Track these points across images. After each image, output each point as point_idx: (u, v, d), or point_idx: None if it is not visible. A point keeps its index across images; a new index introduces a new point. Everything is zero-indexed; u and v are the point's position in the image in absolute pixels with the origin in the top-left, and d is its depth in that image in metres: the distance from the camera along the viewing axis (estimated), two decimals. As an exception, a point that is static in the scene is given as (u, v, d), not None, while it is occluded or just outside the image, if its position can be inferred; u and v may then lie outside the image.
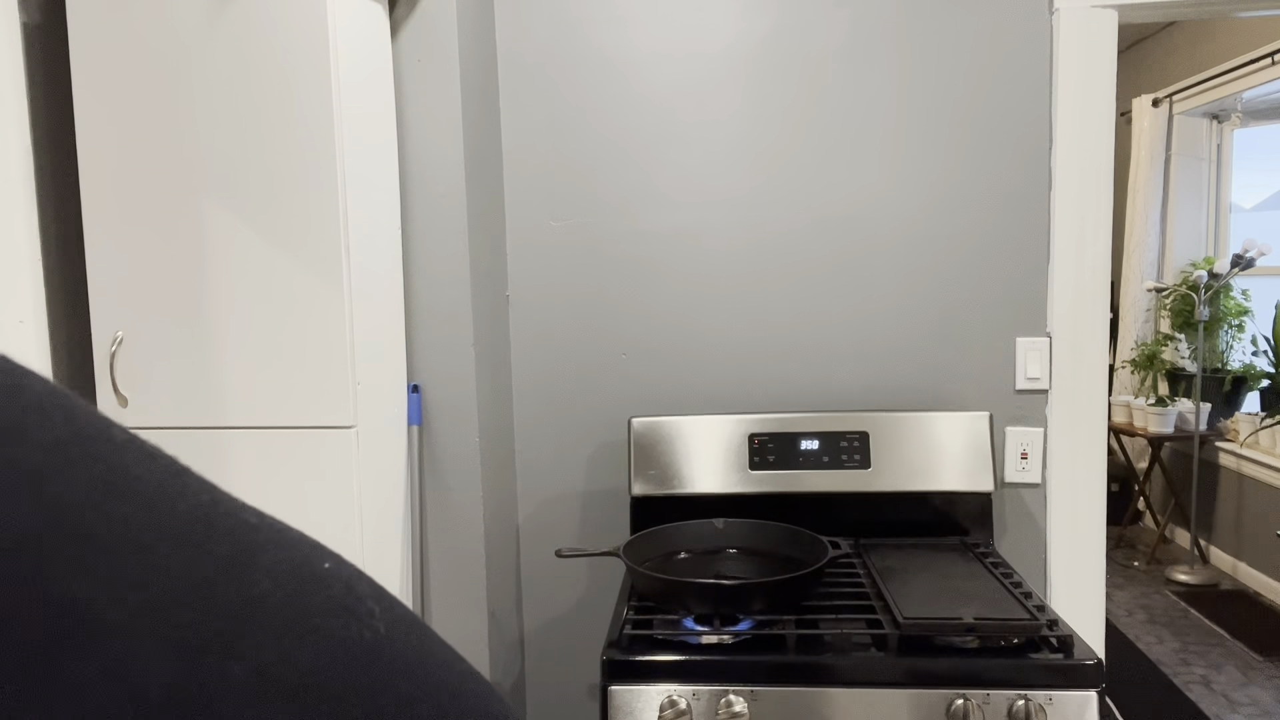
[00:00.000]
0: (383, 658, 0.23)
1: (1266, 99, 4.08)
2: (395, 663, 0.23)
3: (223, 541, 0.22)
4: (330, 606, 0.23)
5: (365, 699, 0.22)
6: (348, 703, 0.21)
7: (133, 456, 0.22)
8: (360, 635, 0.23)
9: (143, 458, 0.22)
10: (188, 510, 0.22)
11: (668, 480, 1.76)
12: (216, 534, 0.22)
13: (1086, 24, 1.77)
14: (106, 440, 0.22)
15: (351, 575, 0.24)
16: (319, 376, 1.45)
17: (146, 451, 0.23)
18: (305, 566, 0.23)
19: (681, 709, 1.28)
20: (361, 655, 0.22)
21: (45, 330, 1.52)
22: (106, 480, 0.21)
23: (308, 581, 0.23)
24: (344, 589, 0.23)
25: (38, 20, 1.52)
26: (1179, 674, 3.08)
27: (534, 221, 1.93)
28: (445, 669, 0.24)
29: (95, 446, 0.21)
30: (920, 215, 1.85)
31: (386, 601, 0.24)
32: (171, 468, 0.23)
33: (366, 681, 0.22)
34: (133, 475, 0.22)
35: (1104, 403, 1.83)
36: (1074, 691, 1.25)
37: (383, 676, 0.22)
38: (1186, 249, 4.51)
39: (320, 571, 0.23)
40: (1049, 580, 1.86)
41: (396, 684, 0.23)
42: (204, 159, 1.45)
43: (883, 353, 1.88)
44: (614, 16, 1.87)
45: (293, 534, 0.24)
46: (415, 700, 0.23)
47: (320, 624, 0.22)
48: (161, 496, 0.22)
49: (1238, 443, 3.99)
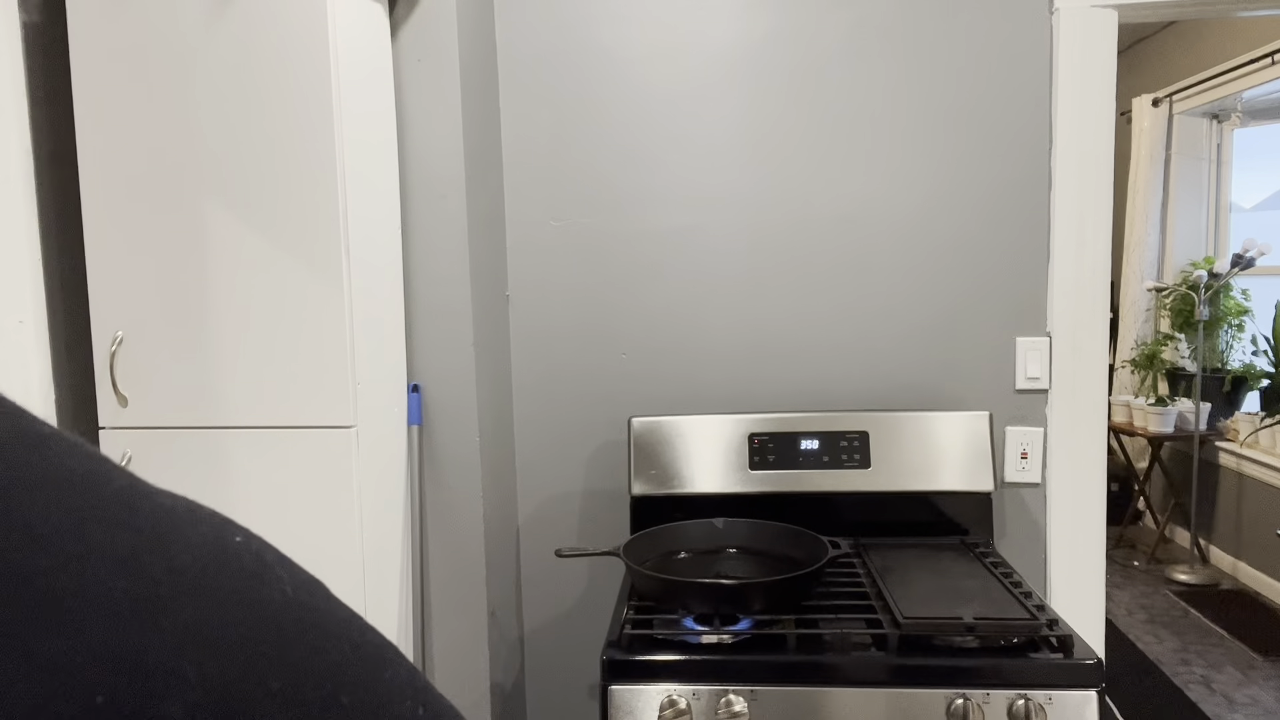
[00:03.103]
0: (291, 614, 0.26)
1: (1266, 99, 4.08)
2: (304, 619, 0.26)
3: (146, 520, 0.25)
4: (243, 573, 0.26)
5: (279, 650, 0.25)
6: (264, 654, 0.24)
7: (63, 448, 0.25)
8: (270, 597, 0.26)
9: (70, 449, 0.25)
10: (113, 494, 0.25)
11: (668, 480, 1.76)
12: (140, 514, 0.25)
13: (1086, 24, 1.77)
14: (38, 434, 0.25)
15: (260, 546, 0.27)
16: (319, 376, 1.45)
17: (71, 442, 0.26)
18: (219, 540, 0.26)
19: (681, 709, 1.28)
20: (274, 614, 0.25)
21: (45, 330, 1.52)
22: (43, 470, 0.24)
23: (222, 553, 0.26)
24: (254, 559, 0.26)
25: (38, 20, 1.52)
26: (1179, 674, 3.08)
27: (534, 221, 1.93)
28: (346, 625, 0.28)
29: (29, 440, 0.24)
30: (920, 215, 1.86)
31: (291, 568, 0.28)
32: (94, 456, 0.26)
33: (278, 636, 0.25)
34: (65, 466, 0.25)
35: (1104, 402, 1.83)
36: (1074, 691, 1.25)
37: (293, 631, 0.26)
38: (1186, 249, 4.51)
39: (233, 544, 0.26)
40: (1049, 580, 1.86)
41: (305, 636, 0.26)
42: (204, 159, 1.45)
43: (882, 352, 1.88)
44: (614, 16, 1.87)
45: (205, 511, 0.27)
46: (322, 650, 0.26)
47: (236, 587, 0.25)
48: (90, 482, 0.25)
49: (1238, 443, 3.99)
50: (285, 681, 0.24)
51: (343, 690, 0.26)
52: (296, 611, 0.26)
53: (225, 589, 0.25)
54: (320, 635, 0.26)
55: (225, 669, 0.23)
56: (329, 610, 0.27)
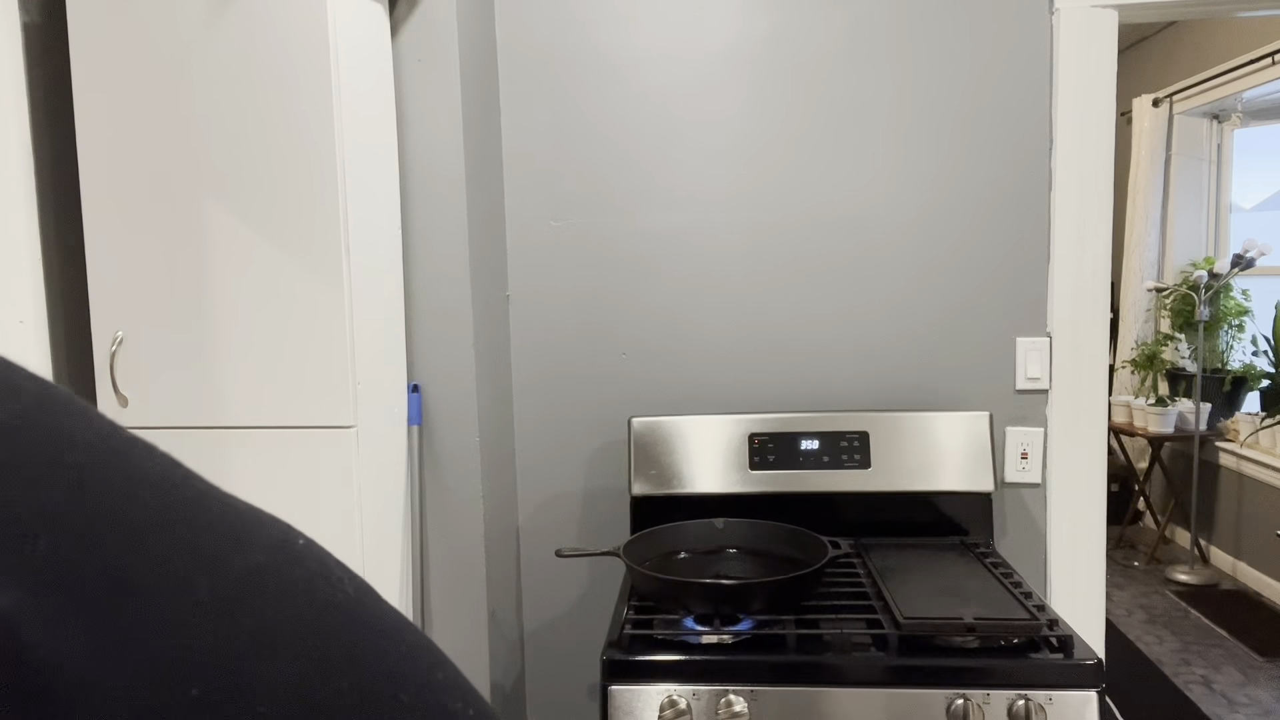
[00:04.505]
0: (355, 615, 0.28)
1: (1266, 99, 4.08)
2: (366, 620, 0.28)
3: (222, 521, 0.27)
4: (311, 575, 0.27)
5: (347, 650, 0.26)
6: (332, 654, 0.26)
7: (142, 453, 0.26)
8: (336, 600, 0.27)
9: (148, 452, 0.27)
10: (193, 497, 0.26)
11: (668, 480, 1.76)
12: (216, 515, 0.27)
13: (1086, 24, 1.77)
14: (120, 438, 0.26)
15: (319, 549, 0.29)
16: (319, 376, 1.45)
17: (146, 446, 0.27)
18: (285, 542, 0.28)
19: (681, 709, 1.28)
20: (341, 615, 0.27)
21: (45, 330, 1.52)
22: (127, 473, 0.25)
23: (291, 554, 0.28)
24: (317, 562, 0.28)
25: (38, 20, 1.52)
26: (1179, 674, 3.08)
27: (534, 221, 1.93)
28: (399, 626, 0.29)
29: (114, 443, 0.26)
30: (920, 215, 1.85)
31: (347, 571, 0.29)
32: (168, 460, 0.27)
33: (346, 636, 0.27)
34: (144, 469, 0.26)
35: (1104, 403, 1.83)
36: (1074, 691, 1.25)
37: (359, 631, 0.27)
38: (1186, 249, 4.51)
39: (297, 546, 0.28)
40: (1049, 580, 1.86)
41: (368, 637, 0.27)
42: (204, 158, 1.45)
43: (883, 352, 1.88)
44: (614, 16, 1.87)
45: (265, 514, 0.29)
46: (383, 651, 0.27)
47: (306, 589, 0.27)
48: (171, 484, 0.26)
49: (1238, 443, 3.99)
50: (352, 681, 0.26)
51: (402, 690, 0.27)
52: (359, 612, 0.28)
53: (298, 590, 0.26)
54: (380, 636, 0.28)
55: (303, 669, 0.25)
56: (384, 612, 0.29)
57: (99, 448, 0.25)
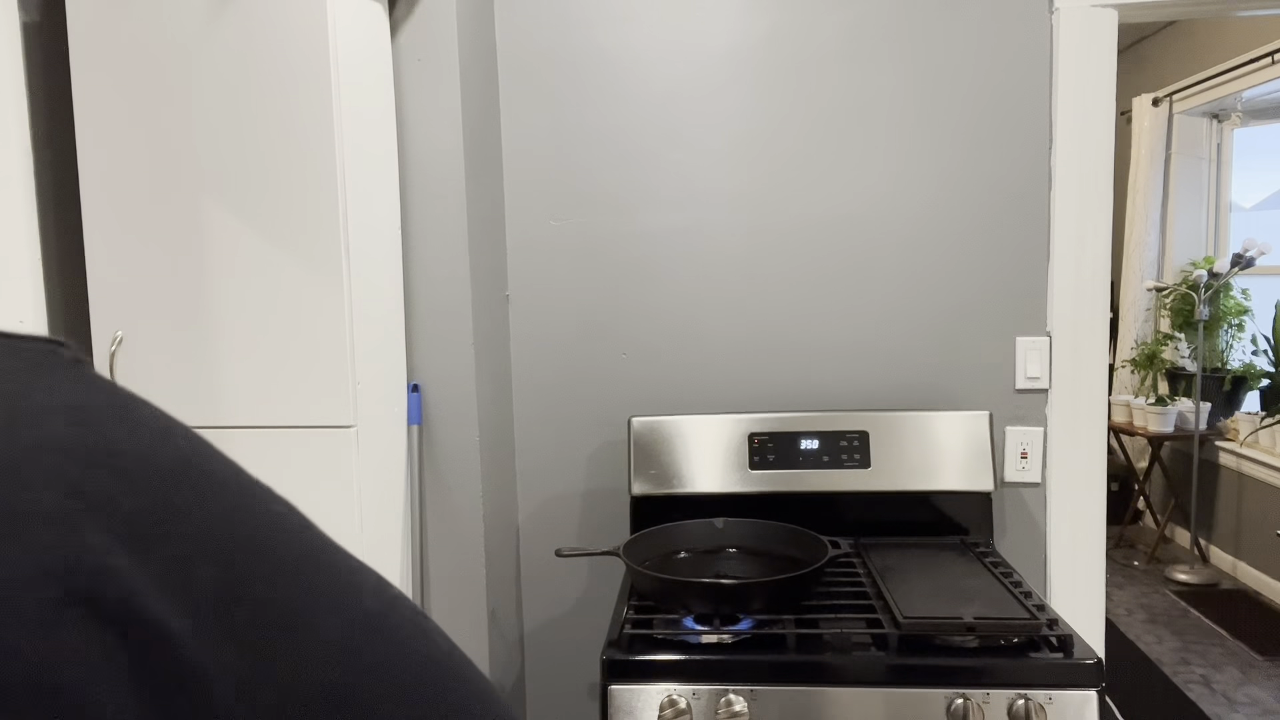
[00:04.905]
0: (441, 666, 0.32)
1: (1266, 98, 4.08)
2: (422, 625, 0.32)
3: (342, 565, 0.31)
4: (404, 622, 0.32)
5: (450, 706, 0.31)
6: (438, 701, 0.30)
7: (265, 494, 0.30)
8: (434, 654, 0.32)
9: (269, 495, 0.31)
10: (313, 543, 0.31)
11: (668, 480, 1.76)
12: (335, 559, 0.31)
13: (1086, 24, 1.77)
14: (246, 475, 0.30)
15: (403, 595, 0.33)
16: (319, 376, 1.45)
17: (266, 487, 0.31)
18: (382, 588, 0.32)
19: (681, 708, 1.28)
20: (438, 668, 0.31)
21: (45, 330, 1.52)
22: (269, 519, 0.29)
23: (387, 601, 0.32)
24: (410, 609, 0.33)
25: (38, 20, 1.52)
26: (1179, 673, 3.08)
27: (534, 221, 1.93)
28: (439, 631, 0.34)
29: (244, 479, 0.30)
30: (920, 214, 1.85)
31: (435, 625, 0.34)
32: (242, 473, 0.31)
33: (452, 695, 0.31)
34: (275, 510, 0.30)
35: (1104, 402, 1.83)
36: (1074, 691, 1.25)
37: (459, 689, 0.32)
38: (1186, 248, 4.51)
39: (393, 594, 0.32)
40: (1049, 580, 1.86)
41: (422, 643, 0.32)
42: (204, 158, 1.45)
43: (883, 352, 1.88)
44: (614, 16, 1.87)
45: (357, 560, 0.33)
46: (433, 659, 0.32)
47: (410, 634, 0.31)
48: (298, 526, 0.30)
49: (1238, 442, 3.99)
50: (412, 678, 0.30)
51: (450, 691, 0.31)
52: (448, 665, 0.32)
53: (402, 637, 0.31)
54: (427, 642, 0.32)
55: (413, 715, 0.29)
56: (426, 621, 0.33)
57: (236, 488, 0.29)
